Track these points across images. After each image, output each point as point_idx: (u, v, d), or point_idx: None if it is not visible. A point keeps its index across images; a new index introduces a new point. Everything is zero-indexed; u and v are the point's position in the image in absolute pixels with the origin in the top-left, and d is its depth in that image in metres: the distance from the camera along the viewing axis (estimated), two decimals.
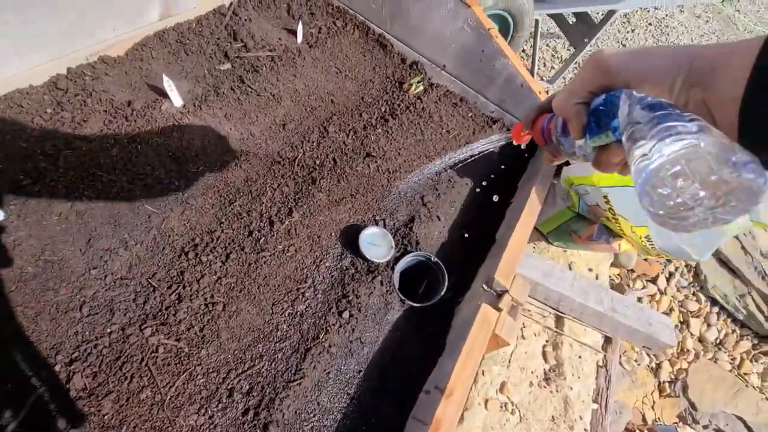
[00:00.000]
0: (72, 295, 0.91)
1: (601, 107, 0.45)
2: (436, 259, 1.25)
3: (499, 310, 1.09)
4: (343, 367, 1.04)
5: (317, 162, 1.36)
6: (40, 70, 1.13)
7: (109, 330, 0.90)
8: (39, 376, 0.81)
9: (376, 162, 1.44)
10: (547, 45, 3.26)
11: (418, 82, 1.72)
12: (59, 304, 0.90)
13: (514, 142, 0.66)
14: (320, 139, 1.42)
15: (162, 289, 0.98)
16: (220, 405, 0.90)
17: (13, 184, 0.99)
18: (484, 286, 1.17)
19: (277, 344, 1.01)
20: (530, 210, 1.34)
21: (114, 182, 1.08)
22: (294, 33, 1.68)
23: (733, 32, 4.84)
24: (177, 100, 1.29)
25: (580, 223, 1.62)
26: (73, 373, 0.83)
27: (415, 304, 1.17)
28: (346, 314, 1.10)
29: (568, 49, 2.99)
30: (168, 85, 1.24)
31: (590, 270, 1.76)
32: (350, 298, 1.13)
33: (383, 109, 1.61)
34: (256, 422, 0.90)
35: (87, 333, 0.88)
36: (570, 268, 1.73)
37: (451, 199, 1.49)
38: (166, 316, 0.95)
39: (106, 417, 0.81)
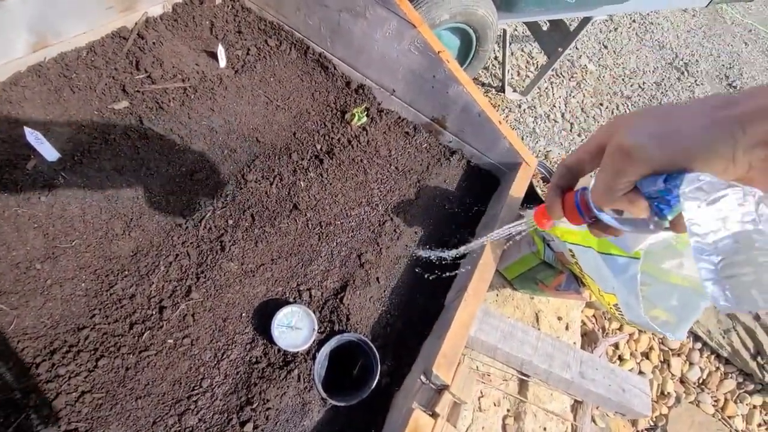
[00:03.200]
0: None
1: (662, 190, 0.39)
2: (366, 340, 1.05)
3: (435, 416, 0.89)
4: None
5: (230, 221, 1.15)
6: None
7: None
8: None
9: (304, 216, 1.23)
10: (522, 50, 3.04)
11: (362, 113, 1.50)
12: None
13: (539, 229, 0.58)
14: (236, 190, 1.20)
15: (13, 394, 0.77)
16: None
17: None
18: (422, 377, 0.97)
19: None
20: (483, 271, 1.15)
21: None
22: (216, 56, 1.44)
23: (720, 26, 4.67)
24: (50, 154, 1.05)
25: (546, 272, 1.44)
26: None
27: (338, 404, 0.98)
28: (249, 426, 0.90)
29: (544, 54, 2.77)
30: (33, 137, 1.01)
31: (560, 319, 1.58)
32: (255, 405, 0.92)
33: (319, 147, 1.40)
34: None
35: None
36: (537, 319, 1.55)
37: (396, 254, 1.29)
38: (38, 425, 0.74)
39: None
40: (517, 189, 1.41)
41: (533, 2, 1.84)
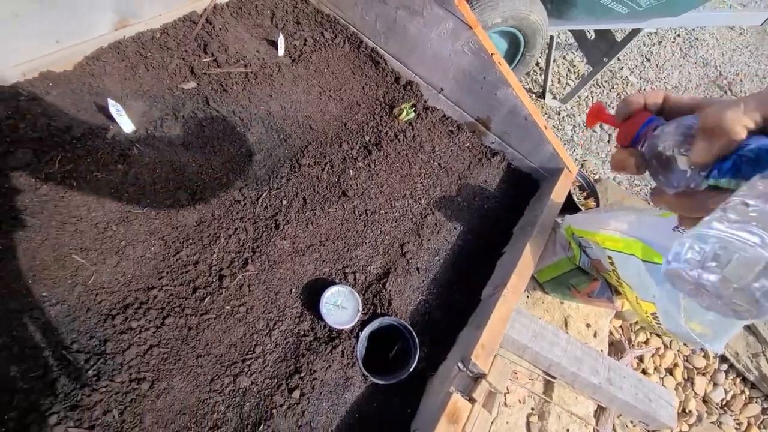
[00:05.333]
0: None
1: (751, 152, 0.35)
2: (407, 325, 1.10)
3: (472, 401, 0.94)
4: None
5: (284, 202, 1.21)
6: None
7: (7, 416, 0.77)
8: None
9: (352, 202, 1.29)
10: (564, 58, 3.03)
11: (411, 108, 1.54)
12: None
13: (586, 124, 0.53)
14: (291, 173, 1.27)
15: (78, 363, 0.85)
16: None
17: None
18: (459, 364, 1.02)
19: (211, 431, 0.88)
20: (522, 271, 1.18)
21: (36, 228, 0.94)
22: (275, 44, 1.51)
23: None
24: (127, 126, 1.13)
25: (580, 278, 1.46)
26: None
27: (379, 381, 1.03)
28: (296, 393, 0.96)
29: (587, 64, 2.76)
30: (114, 108, 1.09)
31: (588, 326, 1.59)
32: (303, 374, 0.98)
33: (367, 138, 1.45)
34: None
35: None
36: (566, 324, 1.57)
37: (436, 247, 1.33)
38: (78, 398, 0.82)
39: None
40: (558, 194, 1.43)
41: (585, 11, 1.85)
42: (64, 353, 0.85)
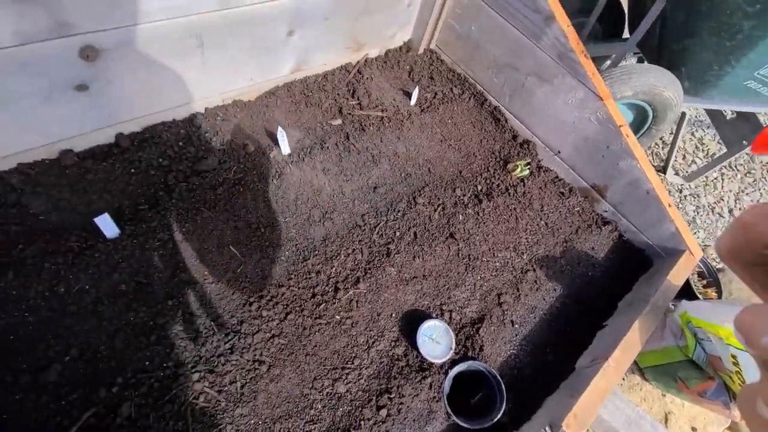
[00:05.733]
0: (147, 321, 1.00)
1: None
2: (496, 374, 1.11)
3: None
4: None
5: (397, 234, 1.33)
6: (183, 108, 1.30)
7: (165, 364, 0.96)
8: (97, 393, 0.89)
9: (457, 245, 1.36)
10: (692, 134, 2.84)
11: (525, 165, 1.60)
12: (135, 326, 0.99)
13: (750, 150, 0.36)
14: (407, 209, 1.39)
15: (220, 335, 1.03)
16: None
17: (134, 207, 1.14)
18: (546, 428, 1.00)
19: (307, 425, 0.98)
20: (627, 348, 1.13)
21: (210, 219, 1.18)
22: (409, 95, 1.70)
23: None
24: (285, 149, 1.38)
25: (691, 372, 1.32)
26: (123, 400, 0.89)
27: (462, 424, 1.05)
28: (383, 412, 1.03)
29: (719, 143, 2.56)
30: (281, 134, 1.33)
31: (693, 429, 1.41)
32: (393, 395, 1.05)
33: (479, 188, 1.53)
34: None
35: (148, 362, 0.95)
36: (666, 420, 1.41)
37: (533, 304, 1.33)
38: (215, 364, 0.99)
39: None
40: (677, 277, 1.34)
41: (727, 92, 1.76)
42: (212, 324, 1.04)
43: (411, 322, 1.18)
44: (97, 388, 0.89)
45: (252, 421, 0.95)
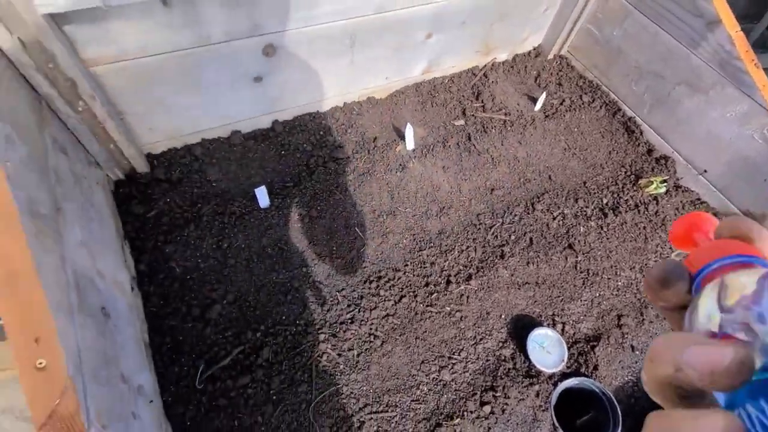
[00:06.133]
0: (285, 281, 1.15)
1: None
2: (612, 398, 1.04)
3: None
4: None
5: (512, 237, 1.32)
6: (327, 102, 1.46)
7: (298, 321, 1.09)
8: (245, 335, 1.05)
9: (576, 257, 1.30)
10: None
11: (661, 182, 1.46)
12: (275, 285, 1.14)
13: (670, 242, 0.35)
14: (524, 214, 1.38)
15: (343, 304, 1.13)
16: (350, 430, 0.98)
17: (282, 183, 1.31)
18: None
19: (413, 403, 1.03)
20: None
21: (340, 201, 1.30)
22: (533, 100, 1.67)
23: None
24: (410, 144, 1.46)
25: None
26: (265, 345, 1.04)
27: None
28: (487, 408, 1.03)
29: None
30: (408, 131, 1.42)
31: None
32: (497, 394, 1.05)
33: (605, 201, 1.44)
34: None
35: (284, 317, 1.09)
36: None
37: (659, 332, 1.21)
38: (337, 329, 1.09)
39: (272, 392, 0.99)
40: None
41: None
42: (336, 294, 1.15)
43: (520, 327, 1.16)
44: (245, 330, 1.06)
45: (364, 388, 1.03)
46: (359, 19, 1.23)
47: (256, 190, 1.20)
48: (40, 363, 0.57)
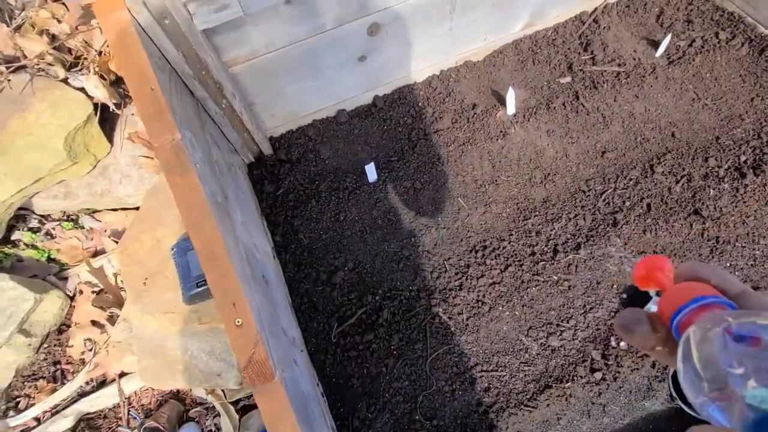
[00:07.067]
0: (396, 250, 1.26)
1: None
2: None
3: None
4: (576, 421, 1.04)
5: (626, 203, 1.25)
6: (424, 71, 1.47)
7: (411, 287, 1.20)
8: (366, 298, 1.19)
9: (703, 223, 1.20)
10: None
11: None
12: (388, 254, 1.25)
13: (634, 278, 0.37)
14: (641, 177, 1.28)
15: (451, 272, 1.21)
16: (461, 386, 1.09)
17: (386, 158, 1.39)
18: None
19: (522, 365, 1.10)
20: None
21: (443, 173, 1.34)
22: (654, 44, 1.48)
23: None
24: (511, 109, 1.41)
25: None
26: (383, 307, 1.17)
27: (689, 411, 1.00)
28: (598, 374, 1.06)
29: None
30: (510, 95, 1.37)
31: None
32: (609, 362, 1.07)
33: (743, 159, 1.27)
34: (483, 418, 1.05)
35: (398, 283, 1.21)
36: None
37: None
38: (447, 295, 1.18)
39: (392, 347, 1.13)
40: None
41: None
42: (444, 262, 1.23)
43: (635, 298, 1.14)
44: (365, 293, 1.20)
45: (474, 349, 1.13)
46: None
47: (366, 166, 1.29)
48: (238, 322, 0.74)
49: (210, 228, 0.74)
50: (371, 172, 1.31)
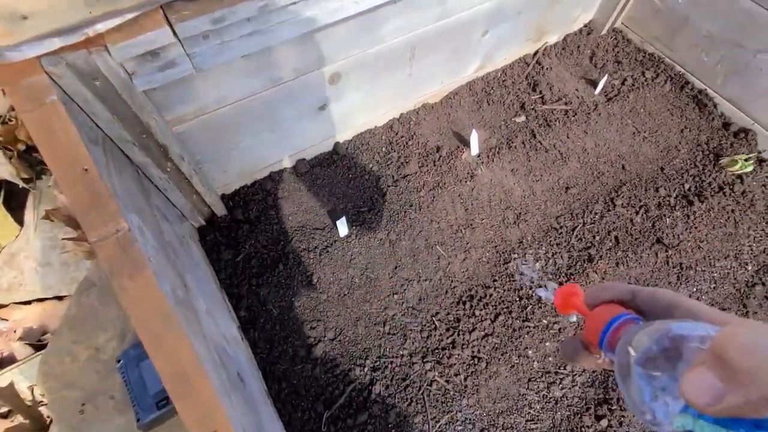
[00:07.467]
0: (379, 311, 1.15)
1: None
2: None
3: None
4: None
5: (596, 238, 1.28)
6: (385, 116, 1.42)
7: (401, 353, 1.09)
8: (353, 372, 1.06)
9: (666, 251, 1.26)
10: None
11: (746, 160, 1.38)
12: (371, 316, 1.14)
13: (556, 307, 0.42)
14: (604, 211, 1.33)
15: (441, 329, 1.13)
16: None
17: (356, 209, 1.29)
18: None
19: (528, 423, 1.04)
20: None
21: (417, 220, 1.28)
22: (592, 83, 1.59)
23: None
24: (475, 150, 1.41)
25: None
26: (375, 380, 1.05)
27: None
28: (604, 422, 1.03)
29: None
30: (473, 136, 1.37)
31: None
32: (613, 407, 1.04)
33: (687, 187, 1.38)
34: None
35: (386, 349, 1.10)
36: None
37: (764, 321, 1.17)
38: (440, 355, 1.09)
39: (390, 425, 1.00)
40: None
41: None
42: (432, 318, 1.14)
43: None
44: (352, 366, 1.07)
45: (477, 412, 1.04)
46: (420, 31, 1.17)
47: (337, 221, 1.18)
48: None
49: (175, 340, 0.58)
50: (343, 226, 1.20)
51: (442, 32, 1.23)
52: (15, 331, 0.99)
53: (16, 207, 0.91)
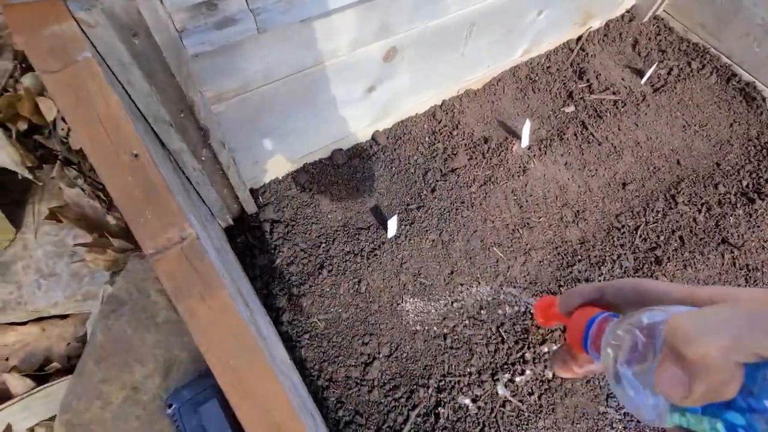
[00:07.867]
0: (438, 321, 1.01)
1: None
2: None
3: None
4: None
5: (661, 238, 1.19)
6: (427, 102, 1.27)
7: (468, 369, 0.96)
8: (417, 393, 0.92)
9: (732, 252, 1.18)
10: None
11: None
12: (428, 328, 1.00)
13: (538, 322, 0.42)
14: (666, 209, 1.24)
15: (509, 342, 1.01)
16: None
17: (404, 206, 1.15)
18: None
19: None
20: None
21: (470, 219, 1.14)
22: (637, 72, 1.50)
23: None
24: (525, 142, 1.29)
25: None
26: (442, 402, 0.92)
27: None
28: None
29: None
30: (526, 127, 1.24)
31: None
32: None
33: (745, 183, 1.31)
34: None
35: (451, 366, 0.96)
36: None
37: None
38: (512, 372, 0.97)
39: None
40: None
41: None
42: (499, 330, 1.02)
43: None
44: (414, 388, 0.93)
45: None
46: (480, 5, 1.03)
47: (389, 220, 1.04)
48: None
49: (264, 381, 0.43)
50: (393, 225, 1.06)
51: (502, 7, 1.09)
52: (7, 359, 0.80)
53: (12, 204, 0.71)
